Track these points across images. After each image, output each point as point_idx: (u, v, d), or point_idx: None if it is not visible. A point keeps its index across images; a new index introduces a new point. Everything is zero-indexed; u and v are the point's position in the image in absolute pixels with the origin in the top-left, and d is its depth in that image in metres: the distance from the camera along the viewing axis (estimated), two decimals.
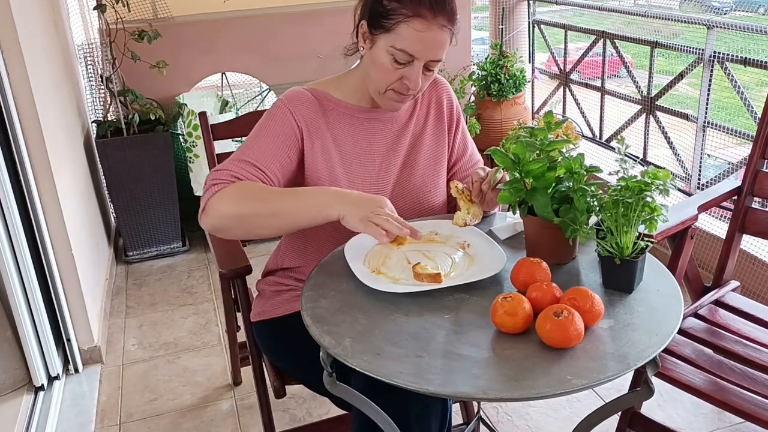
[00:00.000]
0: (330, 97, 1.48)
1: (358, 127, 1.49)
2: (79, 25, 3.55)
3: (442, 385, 0.98)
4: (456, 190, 1.42)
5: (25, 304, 2.16)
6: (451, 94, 1.60)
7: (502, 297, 1.09)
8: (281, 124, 1.43)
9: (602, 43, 3.36)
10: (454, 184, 1.42)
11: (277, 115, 1.45)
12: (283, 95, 1.49)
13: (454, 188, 1.42)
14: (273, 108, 1.47)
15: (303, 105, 1.45)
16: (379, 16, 1.35)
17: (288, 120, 1.43)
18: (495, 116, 3.69)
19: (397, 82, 1.38)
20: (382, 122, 1.51)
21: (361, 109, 1.49)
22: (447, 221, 1.44)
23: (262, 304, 1.60)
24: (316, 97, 1.47)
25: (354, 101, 1.49)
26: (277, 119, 1.44)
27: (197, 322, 2.73)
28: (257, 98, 3.94)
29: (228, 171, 1.36)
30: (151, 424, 2.15)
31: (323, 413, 2.12)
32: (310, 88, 1.49)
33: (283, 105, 1.45)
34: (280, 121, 1.44)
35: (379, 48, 1.37)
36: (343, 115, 1.48)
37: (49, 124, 2.31)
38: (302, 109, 1.45)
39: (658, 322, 1.10)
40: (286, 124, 1.43)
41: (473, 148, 1.65)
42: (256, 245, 3.30)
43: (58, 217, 2.27)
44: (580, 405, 2.11)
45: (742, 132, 2.63)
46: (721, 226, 2.65)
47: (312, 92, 1.48)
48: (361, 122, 1.49)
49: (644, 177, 1.16)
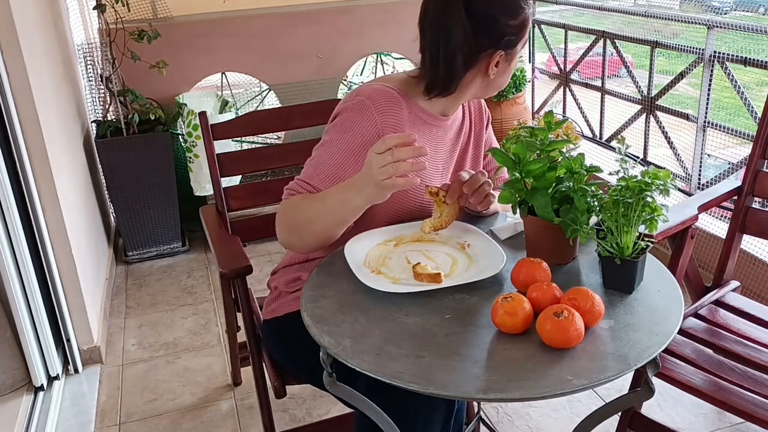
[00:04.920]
0: (410, 100, 1.44)
1: (429, 133, 1.46)
2: (79, 25, 3.55)
3: (443, 385, 0.98)
4: (429, 193, 1.37)
5: (25, 304, 2.15)
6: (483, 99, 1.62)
7: (502, 297, 1.09)
8: (362, 135, 1.37)
9: (602, 43, 3.36)
10: (428, 188, 1.37)
11: (360, 121, 1.37)
12: (363, 89, 1.41)
13: (428, 191, 1.37)
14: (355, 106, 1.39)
15: (390, 107, 1.39)
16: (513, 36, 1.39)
17: (370, 128, 1.37)
18: (495, 116, 3.69)
19: None
20: (444, 129, 1.50)
21: (431, 115, 1.46)
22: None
23: (277, 301, 1.57)
24: (402, 97, 1.42)
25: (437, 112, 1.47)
26: (359, 127, 1.37)
27: (197, 322, 2.73)
28: (257, 98, 3.94)
29: (291, 190, 1.38)
30: (150, 424, 2.15)
31: (323, 413, 2.12)
32: (394, 87, 1.42)
33: (369, 104, 1.38)
34: (363, 130, 1.37)
35: (516, 57, 1.43)
36: (421, 121, 1.45)
37: (49, 124, 2.30)
38: (389, 112, 1.38)
39: (658, 322, 1.10)
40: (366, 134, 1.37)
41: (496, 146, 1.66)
42: (256, 245, 3.30)
43: (58, 217, 2.27)
44: (580, 405, 2.10)
45: (742, 132, 2.63)
46: (721, 226, 2.64)
47: (398, 92, 1.42)
48: (431, 128, 1.47)
49: (644, 177, 1.16)
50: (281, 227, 1.37)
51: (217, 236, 1.85)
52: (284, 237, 1.38)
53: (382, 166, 1.19)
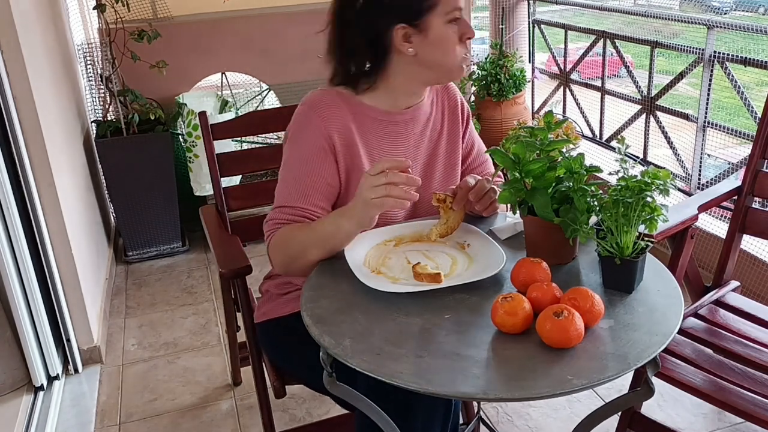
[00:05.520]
0: (354, 99, 1.44)
1: (383, 130, 1.46)
2: (79, 25, 3.55)
3: (442, 385, 0.98)
4: (437, 200, 1.37)
5: (25, 304, 2.15)
6: (459, 94, 1.60)
7: (502, 297, 1.09)
8: (312, 142, 1.39)
9: (602, 43, 3.35)
10: (435, 194, 1.37)
11: (307, 129, 1.40)
12: (306, 99, 1.43)
13: (435, 197, 1.37)
14: (299, 118, 1.42)
15: (333, 113, 1.40)
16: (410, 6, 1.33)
17: (317, 133, 1.39)
18: (495, 116, 3.69)
19: (461, 44, 1.38)
20: (404, 124, 1.48)
21: (385, 113, 1.46)
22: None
23: (268, 304, 1.59)
24: (344, 99, 1.43)
25: (386, 107, 1.46)
26: (306, 136, 1.40)
27: (197, 322, 2.73)
28: (257, 98, 3.94)
29: (273, 221, 1.40)
30: (150, 424, 2.15)
31: (323, 413, 2.12)
32: (335, 90, 1.44)
33: (311, 113, 1.40)
34: (311, 137, 1.39)
35: (437, 27, 1.34)
36: (370, 119, 1.44)
37: (49, 124, 2.30)
38: (332, 117, 1.40)
39: (658, 322, 1.10)
40: (315, 145, 1.39)
41: (480, 145, 1.64)
42: (256, 245, 3.30)
43: (58, 217, 2.27)
44: (580, 405, 2.10)
45: (742, 132, 2.62)
46: (721, 226, 2.64)
47: (339, 95, 1.43)
48: (386, 125, 1.46)
49: (644, 177, 1.16)
50: (278, 260, 1.39)
51: (217, 236, 1.85)
52: (281, 269, 1.42)
53: (374, 186, 1.21)
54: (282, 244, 1.37)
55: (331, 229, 1.31)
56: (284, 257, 1.37)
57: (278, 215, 1.40)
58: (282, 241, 1.37)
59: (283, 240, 1.37)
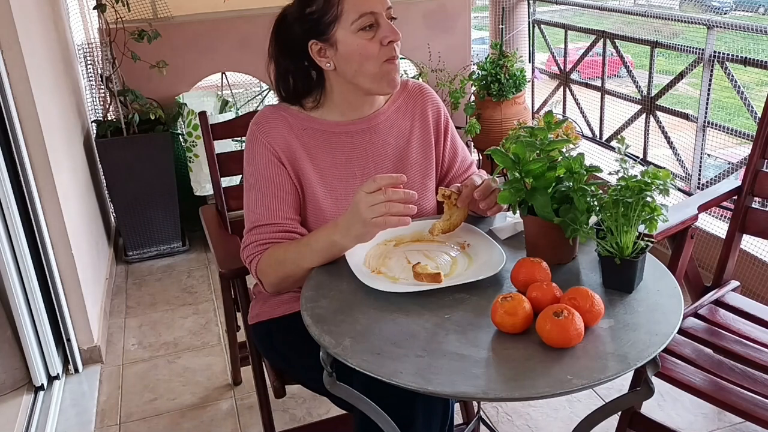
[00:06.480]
0: (301, 114, 1.47)
1: (333, 142, 1.46)
2: (79, 25, 3.55)
3: (442, 384, 0.98)
4: (442, 195, 1.38)
5: (25, 304, 2.15)
6: (437, 103, 1.57)
7: (502, 297, 1.09)
8: (263, 157, 1.43)
9: (602, 42, 3.36)
10: (441, 190, 1.38)
11: (256, 146, 1.43)
12: (257, 116, 1.47)
13: (441, 193, 1.38)
14: (249, 137, 1.46)
15: (273, 128, 1.44)
16: (318, 21, 1.36)
17: (265, 152, 1.42)
18: (495, 116, 3.69)
19: (383, 49, 1.36)
20: (360, 134, 1.48)
21: (335, 124, 1.47)
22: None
23: (260, 306, 1.59)
24: (287, 115, 1.46)
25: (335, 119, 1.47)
26: (256, 152, 1.43)
27: (197, 322, 2.73)
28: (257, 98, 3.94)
29: (253, 244, 1.41)
30: (151, 424, 2.15)
31: (323, 413, 2.12)
32: (282, 107, 1.48)
33: (255, 130, 1.44)
34: (261, 152, 1.43)
35: (344, 38, 1.35)
36: (317, 131, 1.46)
37: (49, 124, 2.30)
38: (273, 132, 1.43)
39: (658, 322, 1.10)
40: (266, 159, 1.42)
41: (464, 152, 1.62)
42: None
43: (58, 217, 2.27)
44: (580, 405, 2.10)
45: (742, 132, 2.63)
46: (721, 226, 2.64)
47: (284, 111, 1.47)
48: (337, 137, 1.46)
49: (644, 177, 1.16)
50: (270, 281, 1.40)
51: (217, 236, 1.85)
52: (272, 288, 1.43)
53: (372, 205, 1.20)
54: (274, 265, 1.38)
55: (325, 245, 1.32)
56: (276, 278, 1.39)
57: (257, 237, 1.41)
58: (274, 262, 1.38)
59: (275, 260, 1.37)
